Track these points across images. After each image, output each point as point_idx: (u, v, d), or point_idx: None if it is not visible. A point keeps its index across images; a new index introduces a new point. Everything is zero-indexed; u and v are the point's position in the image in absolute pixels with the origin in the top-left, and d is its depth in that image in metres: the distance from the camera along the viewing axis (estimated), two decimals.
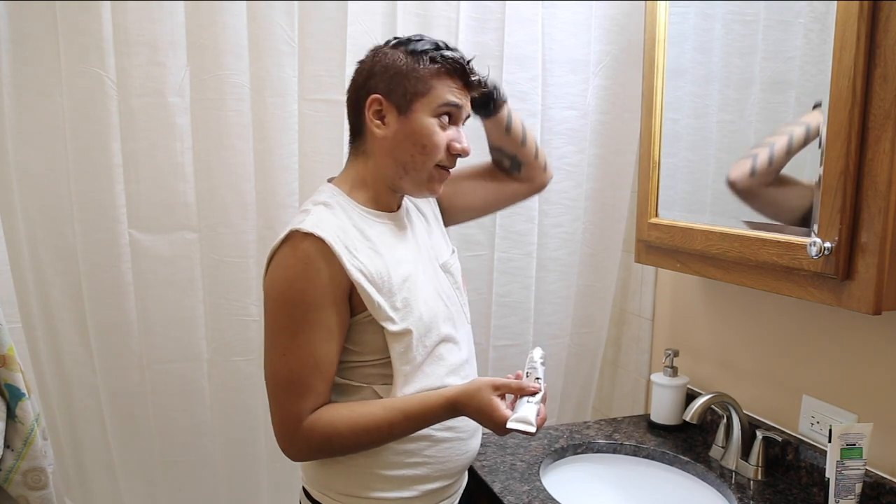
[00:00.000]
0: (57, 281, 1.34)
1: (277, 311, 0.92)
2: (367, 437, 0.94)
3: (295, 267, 0.90)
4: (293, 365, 0.91)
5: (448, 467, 1.03)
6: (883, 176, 0.92)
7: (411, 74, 0.96)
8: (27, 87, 1.26)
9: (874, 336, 1.12)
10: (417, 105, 0.96)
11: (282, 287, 0.91)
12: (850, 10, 0.92)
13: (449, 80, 0.97)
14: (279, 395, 0.93)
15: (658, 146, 1.38)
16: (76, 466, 1.44)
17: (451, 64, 0.97)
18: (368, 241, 0.96)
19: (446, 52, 0.97)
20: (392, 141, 0.97)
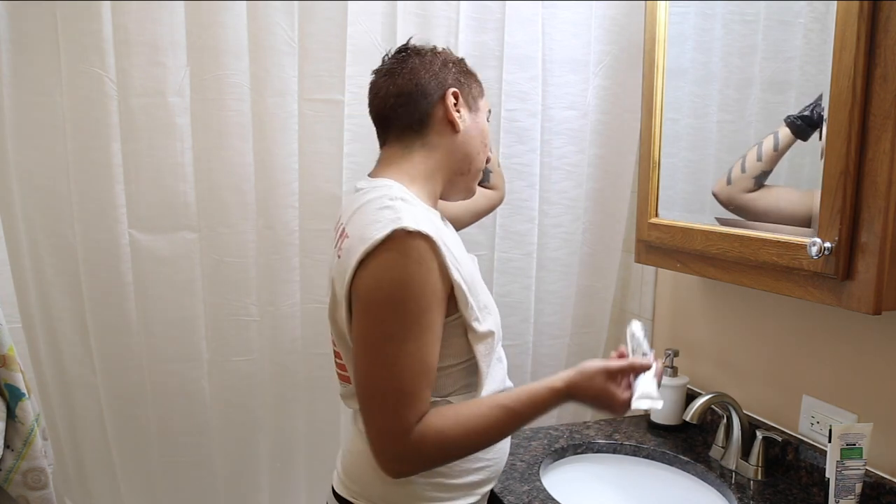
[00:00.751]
0: (57, 281, 1.34)
1: (385, 316, 0.84)
2: (480, 439, 0.89)
3: (408, 267, 0.83)
4: (404, 374, 0.84)
5: (498, 468, 1.03)
6: (883, 176, 0.91)
7: (471, 83, 1.02)
8: (27, 87, 1.26)
9: (874, 336, 1.12)
10: (481, 104, 1.03)
11: (392, 290, 0.83)
12: (850, 10, 0.92)
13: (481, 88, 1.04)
14: (386, 408, 0.84)
15: (658, 146, 1.38)
16: (76, 466, 1.44)
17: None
18: (450, 241, 0.92)
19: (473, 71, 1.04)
20: (465, 136, 0.99)
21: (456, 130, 0.98)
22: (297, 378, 1.50)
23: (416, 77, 0.97)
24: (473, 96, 1.01)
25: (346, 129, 1.43)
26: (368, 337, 0.86)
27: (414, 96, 0.96)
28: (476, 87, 1.03)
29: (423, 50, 1.01)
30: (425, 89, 0.97)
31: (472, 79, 1.02)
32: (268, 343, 1.47)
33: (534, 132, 1.57)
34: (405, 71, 0.97)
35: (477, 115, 1.01)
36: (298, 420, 1.53)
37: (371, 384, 0.86)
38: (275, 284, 1.45)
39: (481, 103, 1.03)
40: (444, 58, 1.00)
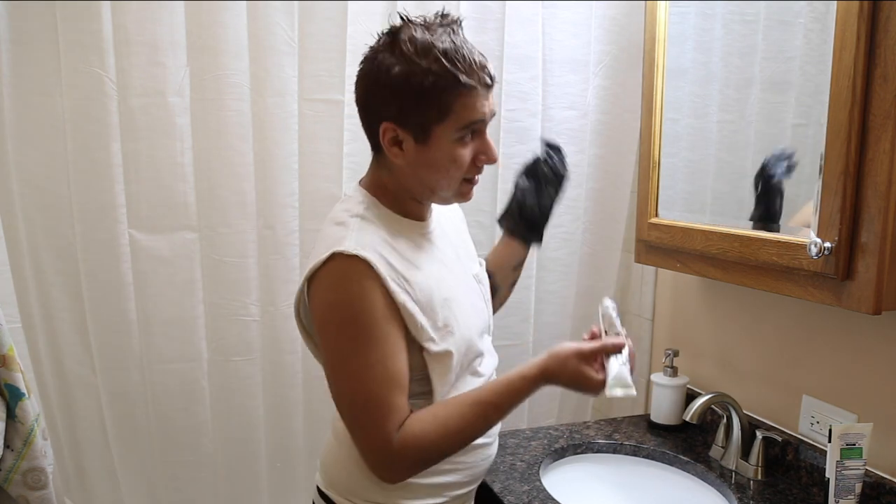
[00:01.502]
0: (57, 281, 1.34)
1: (339, 335, 0.87)
2: (462, 436, 0.91)
3: (348, 288, 0.86)
4: (370, 385, 0.86)
5: (475, 472, 1.03)
6: (883, 176, 0.92)
7: (423, 99, 0.85)
8: (27, 87, 1.26)
9: (874, 336, 1.12)
10: (437, 132, 0.88)
11: (338, 310, 0.87)
12: (850, 10, 0.92)
13: (468, 97, 0.87)
14: (362, 420, 0.88)
15: (658, 146, 1.38)
16: (76, 466, 1.44)
17: (473, 78, 0.86)
18: (407, 255, 0.93)
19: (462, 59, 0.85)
20: (412, 167, 0.91)
21: (398, 162, 0.91)
22: (297, 378, 1.50)
23: (358, 102, 0.93)
24: (425, 123, 0.87)
25: (346, 129, 1.43)
26: (330, 357, 0.90)
27: (362, 119, 0.94)
28: (432, 109, 0.86)
29: (365, 62, 0.90)
30: (367, 115, 0.92)
31: (419, 104, 0.86)
32: (268, 343, 1.47)
33: (534, 132, 1.57)
34: (357, 85, 0.92)
35: (426, 145, 0.88)
36: (298, 420, 1.53)
37: (344, 401, 0.90)
38: (275, 284, 1.45)
39: (442, 127, 0.87)
40: (377, 78, 0.87)
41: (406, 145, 0.89)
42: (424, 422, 0.89)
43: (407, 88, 0.85)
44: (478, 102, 0.88)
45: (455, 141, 0.89)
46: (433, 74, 0.84)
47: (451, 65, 0.85)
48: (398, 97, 0.86)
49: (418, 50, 0.85)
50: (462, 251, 1.08)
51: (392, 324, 0.88)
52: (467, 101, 0.87)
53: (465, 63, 0.86)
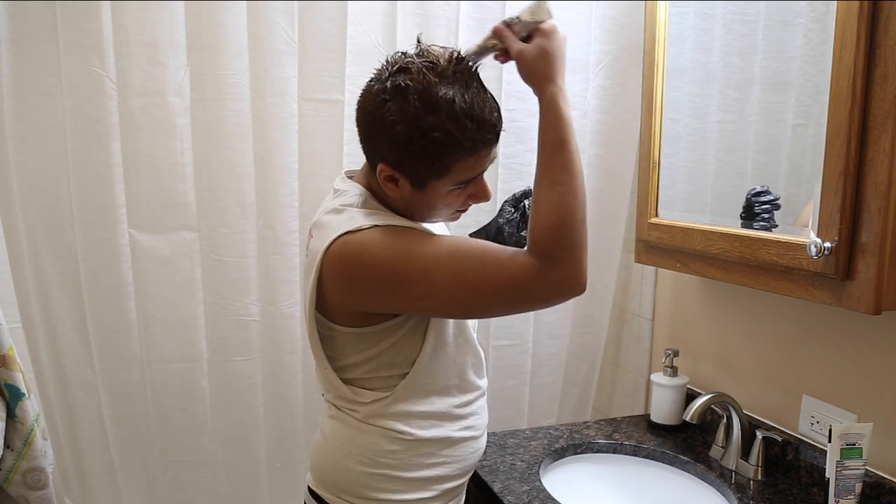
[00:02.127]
0: (57, 281, 1.34)
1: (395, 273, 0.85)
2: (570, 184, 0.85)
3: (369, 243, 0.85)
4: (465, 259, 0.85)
5: (464, 466, 1.03)
6: (883, 176, 0.92)
7: (424, 159, 0.85)
8: (27, 87, 1.26)
9: (874, 336, 1.12)
10: (433, 184, 0.88)
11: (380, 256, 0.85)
12: (850, 10, 0.92)
13: (471, 158, 0.87)
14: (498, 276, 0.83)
15: (658, 146, 1.38)
16: (76, 466, 1.44)
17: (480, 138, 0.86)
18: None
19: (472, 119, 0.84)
20: (405, 202, 0.93)
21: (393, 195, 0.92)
22: (297, 378, 1.50)
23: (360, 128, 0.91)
24: (422, 178, 0.87)
25: (346, 129, 1.43)
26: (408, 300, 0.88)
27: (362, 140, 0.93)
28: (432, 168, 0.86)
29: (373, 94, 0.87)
30: (367, 144, 0.92)
31: (420, 161, 0.85)
32: (268, 343, 1.47)
33: (534, 132, 1.54)
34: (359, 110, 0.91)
35: (422, 192, 0.89)
36: (298, 420, 1.53)
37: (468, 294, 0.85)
38: (275, 284, 1.45)
39: (439, 181, 0.88)
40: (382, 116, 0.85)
41: (401, 184, 0.90)
42: (535, 219, 0.85)
43: (409, 147, 0.85)
44: (480, 163, 0.89)
45: (449, 192, 0.91)
46: (437, 138, 0.83)
47: (457, 129, 0.83)
48: (399, 151, 0.86)
49: (426, 107, 0.83)
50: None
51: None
52: (469, 163, 0.87)
53: (472, 125, 0.85)
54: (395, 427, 0.97)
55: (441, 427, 0.99)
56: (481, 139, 0.86)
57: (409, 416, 0.97)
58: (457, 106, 0.83)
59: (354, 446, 0.97)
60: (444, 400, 1.00)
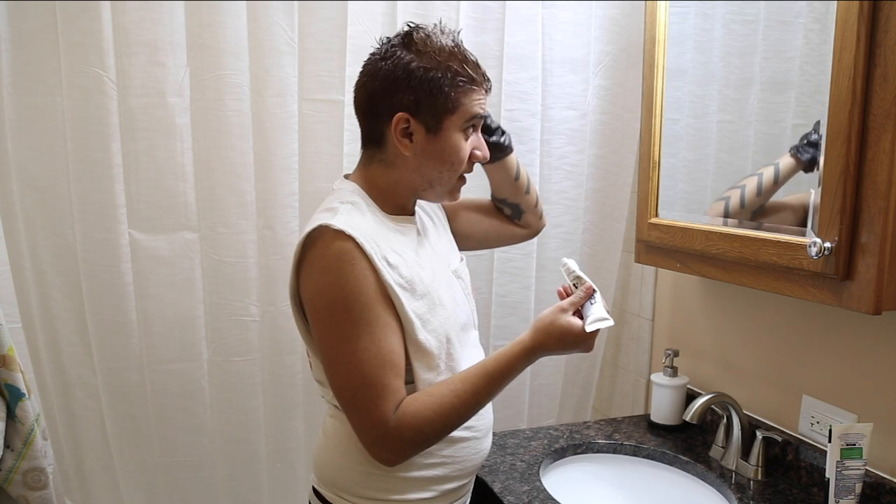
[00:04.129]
0: (57, 281, 1.34)
1: (331, 318, 0.89)
2: (458, 414, 0.92)
3: (338, 270, 0.88)
4: (364, 369, 0.88)
5: (464, 467, 1.03)
6: (883, 176, 0.92)
7: (439, 91, 0.92)
8: (27, 87, 1.26)
9: (874, 336, 1.12)
10: (447, 123, 0.94)
11: (331, 294, 0.88)
12: (850, 10, 0.92)
13: (473, 93, 0.95)
14: (358, 403, 0.90)
15: (658, 146, 1.38)
16: (76, 466, 1.44)
17: (478, 77, 0.96)
18: (392, 243, 0.95)
19: (468, 61, 0.95)
20: (419, 159, 0.96)
21: (405, 154, 0.95)
22: (297, 378, 1.50)
23: (366, 96, 0.97)
24: (436, 113, 0.93)
25: (346, 129, 1.43)
26: (324, 342, 0.92)
27: (368, 114, 0.98)
28: (446, 101, 0.93)
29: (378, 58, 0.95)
30: (377, 110, 0.95)
31: (435, 96, 0.92)
32: (268, 343, 1.47)
33: (534, 132, 1.57)
34: (367, 82, 0.97)
35: (438, 136, 0.94)
36: (298, 420, 1.53)
37: (339, 385, 0.91)
38: (275, 284, 1.45)
39: (451, 119, 0.94)
40: (393, 72, 0.93)
41: (416, 137, 0.94)
42: (419, 401, 0.91)
43: (425, 80, 0.92)
44: (481, 100, 0.97)
45: (460, 133, 0.96)
46: (449, 69, 0.93)
47: (458, 66, 0.94)
48: (416, 89, 0.92)
49: (434, 48, 0.94)
50: (440, 247, 1.10)
51: (383, 305, 0.90)
52: (473, 96, 0.96)
53: (471, 63, 0.95)
54: None
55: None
56: (479, 77, 0.96)
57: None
58: (456, 49, 0.95)
59: (353, 444, 0.97)
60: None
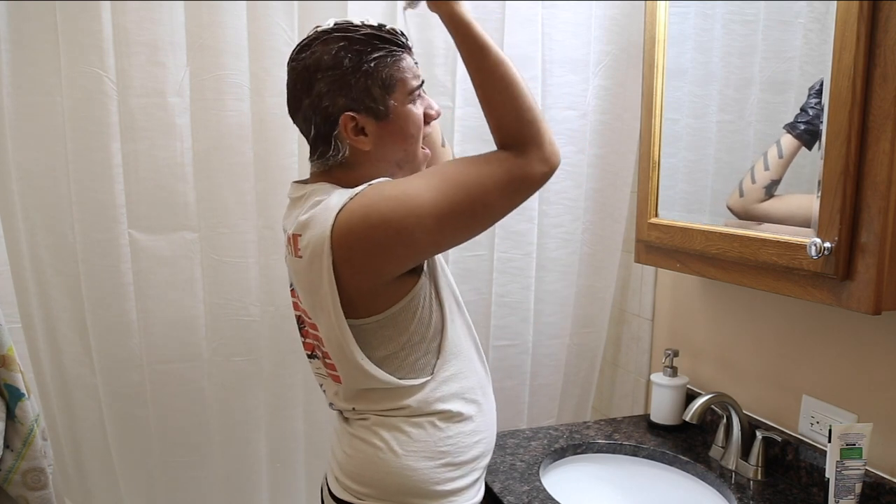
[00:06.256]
0: (57, 281, 1.34)
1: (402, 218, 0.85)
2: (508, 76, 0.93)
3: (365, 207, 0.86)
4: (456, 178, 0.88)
5: (493, 438, 1.05)
6: (883, 176, 0.92)
7: (372, 78, 0.90)
8: (27, 87, 1.26)
9: (874, 336, 1.12)
10: (391, 104, 0.92)
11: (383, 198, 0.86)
12: (850, 10, 0.92)
13: (401, 61, 0.93)
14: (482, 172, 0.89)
15: (658, 146, 1.38)
16: (76, 466, 1.44)
17: (400, 47, 0.93)
18: None
19: (386, 35, 0.92)
20: (379, 148, 0.94)
21: (364, 149, 0.93)
22: (297, 378, 1.50)
23: (306, 108, 0.92)
24: (380, 97, 0.91)
25: None
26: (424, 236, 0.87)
27: (314, 123, 0.93)
28: (383, 85, 0.91)
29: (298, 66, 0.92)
30: (318, 112, 0.92)
31: (371, 84, 0.90)
32: (268, 343, 1.47)
33: None
34: (298, 92, 0.93)
35: (388, 119, 0.92)
36: (298, 420, 1.53)
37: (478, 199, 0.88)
38: (275, 284, 1.45)
39: (394, 100, 0.92)
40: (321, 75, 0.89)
41: (368, 129, 0.92)
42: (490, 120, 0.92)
43: (353, 69, 0.89)
44: (413, 69, 0.95)
45: (409, 108, 0.94)
46: (368, 57, 0.90)
47: (380, 42, 0.91)
48: (348, 86, 0.90)
49: (348, 33, 0.90)
50: None
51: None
52: (403, 65, 0.93)
53: (386, 36, 0.92)
54: (448, 409, 0.96)
55: (477, 402, 1.00)
56: (400, 45, 0.93)
57: (455, 394, 0.97)
58: (368, 29, 0.92)
59: (414, 443, 0.95)
60: (475, 370, 1.02)
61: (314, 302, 0.93)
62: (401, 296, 0.92)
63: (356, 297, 0.90)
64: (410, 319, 0.94)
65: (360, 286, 0.90)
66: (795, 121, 1.09)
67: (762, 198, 1.18)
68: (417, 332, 0.95)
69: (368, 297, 0.91)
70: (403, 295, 0.92)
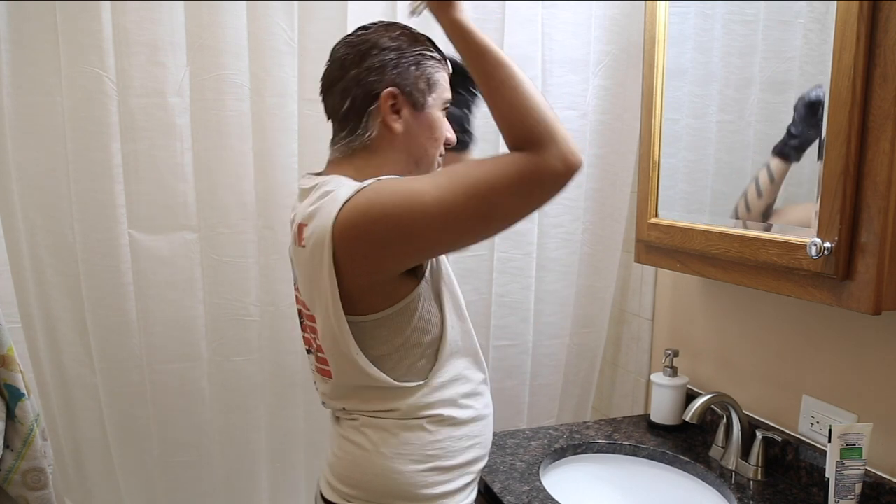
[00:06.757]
0: (57, 281, 1.34)
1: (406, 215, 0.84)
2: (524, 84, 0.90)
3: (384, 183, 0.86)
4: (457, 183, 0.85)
5: (488, 444, 1.05)
6: (883, 176, 0.92)
7: (421, 71, 0.95)
8: (27, 87, 1.26)
9: (874, 336, 1.12)
10: (430, 100, 0.96)
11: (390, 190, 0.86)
12: (850, 10, 0.92)
13: (444, 73, 0.99)
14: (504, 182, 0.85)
15: (658, 146, 1.38)
16: (76, 466, 1.44)
17: (444, 59, 0.99)
18: None
19: (434, 45, 0.98)
20: (407, 136, 0.96)
21: (394, 132, 0.95)
22: (297, 378, 1.50)
23: (351, 77, 0.95)
24: (421, 91, 0.95)
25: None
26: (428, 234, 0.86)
27: (347, 98, 0.95)
28: (429, 79, 0.96)
29: (355, 42, 0.96)
30: (358, 91, 0.94)
31: (420, 72, 0.95)
32: (268, 343, 1.47)
33: None
34: (344, 64, 0.96)
35: (423, 113, 0.96)
36: (298, 420, 1.53)
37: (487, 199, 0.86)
38: (275, 284, 1.45)
39: (431, 100, 0.97)
40: (377, 52, 0.94)
41: (404, 112, 0.95)
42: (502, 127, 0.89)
43: (407, 56, 0.95)
44: (448, 85, 1.00)
45: (440, 116, 0.99)
46: (424, 49, 0.97)
47: (429, 43, 0.98)
48: (401, 64, 0.94)
49: (406, 34, 0.98)
50: None
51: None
52: (445, 76, 0.99)
53: (436, 46, 0.99)
54: (439, 413, 0.96)
55: (472, 407, 1.00)
56: (444, 59, 1.00)
57: (448, 400, 0.97)
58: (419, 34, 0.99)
59: (402, 446, 0.94)
60: (471, 377, 1.01)
61: (313, 293, 0.92)
62: (399, 297, 0.92)
63: (354, 293, 0.90)
64: (407, 323, 0.93)
65: (360, 282, 0.89)
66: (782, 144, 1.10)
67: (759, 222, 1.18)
68: (413, 337, 0.94)
69: (367, 293, 0.90)
70: (402, 297, 0.92)
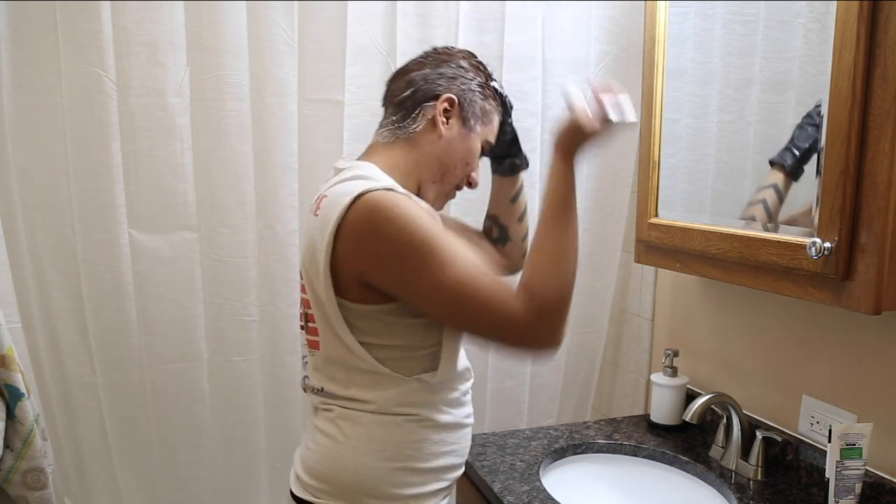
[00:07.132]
0: (57, 281, 1.34)
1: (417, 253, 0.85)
2: (565, 251, 0.90)
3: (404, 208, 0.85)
4: (468, 285, 0.85)
5: (465, 453, 1.05)
6: (883, 176, 0.92)
7: (486, 102, 1.03)
8: (27, 87, 1.26)
9: (874, 336, 1.12)
10: (478, 128, 1.03)
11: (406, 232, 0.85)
12: (850, 10, 0.92)
13: (497, 118, 1.06)
14: (486, 310, 0.86)
15: (658, 146, 1.38)
16: (76, 466, 1.44)
17: (506, 108, 1.08)
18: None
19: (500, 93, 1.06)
20: (446, 146, 1.00)
21: (438, 135, 0.99)
22: (297, 378, 1.50)
23: (429, 72, 1.01)
24: (475, 115, 1.02)
25: (346, 129, 1.43)
26: (416, 283, 0.87)
27: (416, 88, 1.00)
28: (486, 113, 1.03)
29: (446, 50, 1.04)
30: (426, 85, 0.99)
31: (483, 103, 1.03)
32: (268, 343, 1.47)
33: (534, 132, 1.57)
34: (427, 60, 1.02)
35: (469, 134, 1.02)
36: (298, 420, 1.53)
37: (461, 314, 0.88)
38: (275, 284, 1.45)
39: (479, 129, 1.03)
40: (458, 65, 1.02)
41: (452, 122, 1.00)
42: (529, 270, 0.89)
43: (478, 84, 1.02)
44: (494, 133, 1.07)
45: (479, 149, 1.04)
46: (493, 91, 1.05)
47: (500, 96, 1.07)
48: (470, 84, 1.01)
49: (486, 70, 1.06)
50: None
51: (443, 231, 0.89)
52: (498, 121, 1.07)
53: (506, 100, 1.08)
54: (417, 413, 0.95)
55: (453, 414, 1.00)
56: (507, 112, 1.09)
57: (428, 403, 0.96)
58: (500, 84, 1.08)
59: (375, 441, 0.94)
60: (460, 385, 1.02)
61: (311, 261, 0.92)
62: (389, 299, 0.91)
63: (345, 279, 0.90)
64: (395, 324, 0.92)
65: (349, 271, 0.89)
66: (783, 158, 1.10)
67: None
68: (402, 337, 0.94)
69: (356, 284, 0.90)
70: (389, 300, 0.91)
